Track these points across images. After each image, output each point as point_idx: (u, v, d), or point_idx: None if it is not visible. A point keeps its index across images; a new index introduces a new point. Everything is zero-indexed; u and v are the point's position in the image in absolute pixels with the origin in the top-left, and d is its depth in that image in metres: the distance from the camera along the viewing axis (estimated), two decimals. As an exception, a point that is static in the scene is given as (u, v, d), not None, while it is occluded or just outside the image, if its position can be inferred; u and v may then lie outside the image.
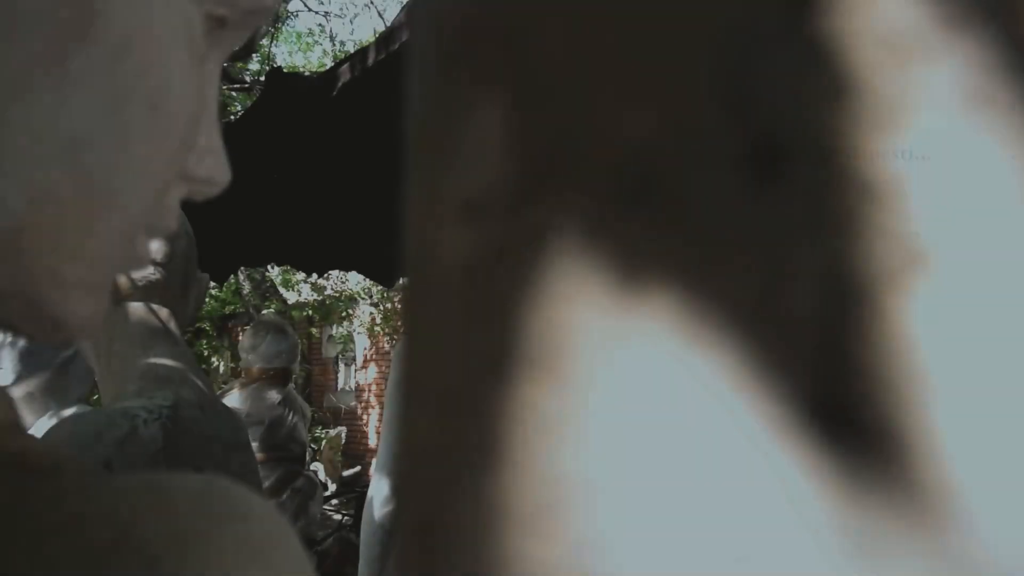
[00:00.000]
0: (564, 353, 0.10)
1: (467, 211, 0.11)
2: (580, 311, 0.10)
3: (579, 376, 0.10)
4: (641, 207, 0.10)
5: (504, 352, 0.10)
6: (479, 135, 0.11)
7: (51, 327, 0.30)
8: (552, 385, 0.10)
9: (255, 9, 0.32)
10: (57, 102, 0.26)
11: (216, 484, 0.24)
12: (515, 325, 0.10)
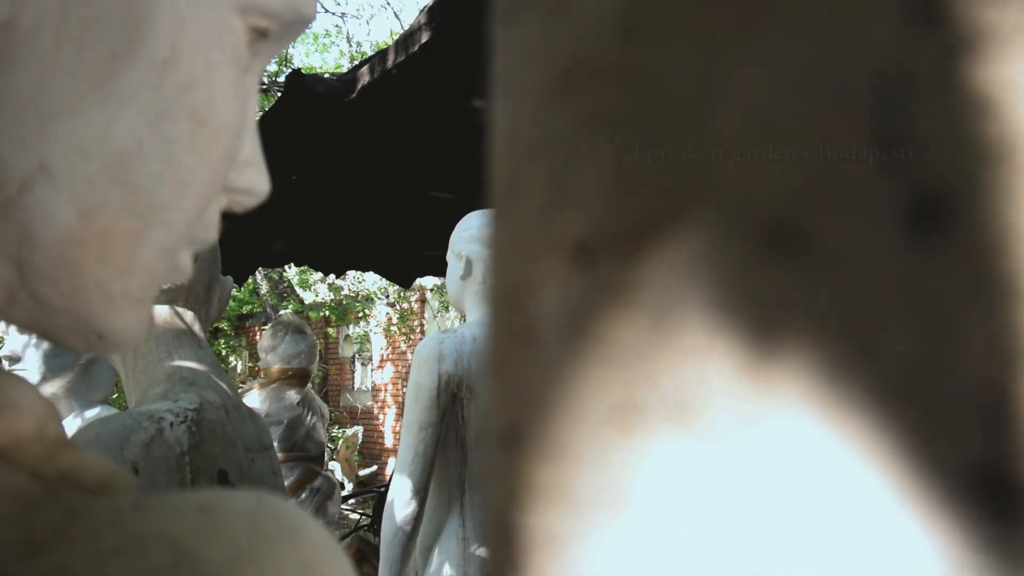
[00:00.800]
0: (696, 410, 0.10)
1: (577, 253, 0.11)
2: (713, 366, 0.10)
3: (713, 435, 0.09)
4: (785, 258, 0.09)
5: (626, 403, 0.10)
6: (591, 176, 0.11)
7: (97, 340, 0.30)
8: (684, 442, 0.10)
9: (296, 20, 0.32)
10: (106, 118, 0.26)
11: (267, 502, 0.24)
12: (638, 375, 0.10)
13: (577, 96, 0.11)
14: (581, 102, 0.11)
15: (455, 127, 2.48)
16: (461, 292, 1.90)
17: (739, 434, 0.09)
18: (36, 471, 0.23)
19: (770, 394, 0.09)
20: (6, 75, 0.24)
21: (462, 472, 1.80)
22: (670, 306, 0.10)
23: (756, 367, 0.09)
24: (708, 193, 0.10)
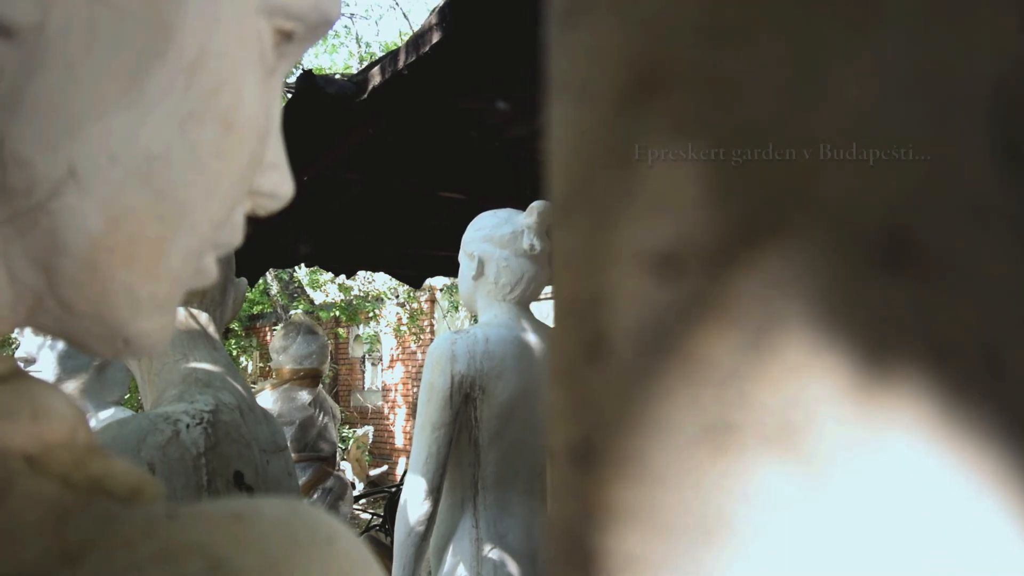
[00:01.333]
0: (800, 432, 0.09)
1: (659, 264, 0.10)
2: (818, 385, 0.09)
3: (820, 458, 0.09)
4: (897, 271, 0.09)
5: (719, 423, 0.10)
6: (674, 184, 0.10)
7: (123, 345, 0.30)
8: (787, 466, 0.09)
9: (321, 22, 0.32)
10: (134, 122, 0.26)
11: (300, 511, 0.23)
12: (733, 394, 0.09)
13: (656, 100, 0.11)
14: (661, 107, 0.11)
15: (466, 127, 2.48)
16: (473, 292, 1.90)
17: (849, 459, 0.09)
18: (66, 479, 0.23)
19: (883, 417, 0.09)
20: (35, 80, 0.24)
21: (475, 472, 1.80)
22: (769, 322, 0.09)
23: (866, 387, 0.09)
24: (810, 201, 0.09)
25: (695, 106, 0.10)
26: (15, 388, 0.22)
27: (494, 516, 1.79)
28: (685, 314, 0.10)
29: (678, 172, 0.11)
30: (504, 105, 2.15)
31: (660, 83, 0.11)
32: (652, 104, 0.11)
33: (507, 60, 1.97)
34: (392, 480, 8.99)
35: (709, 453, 0.10)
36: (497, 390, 1.74)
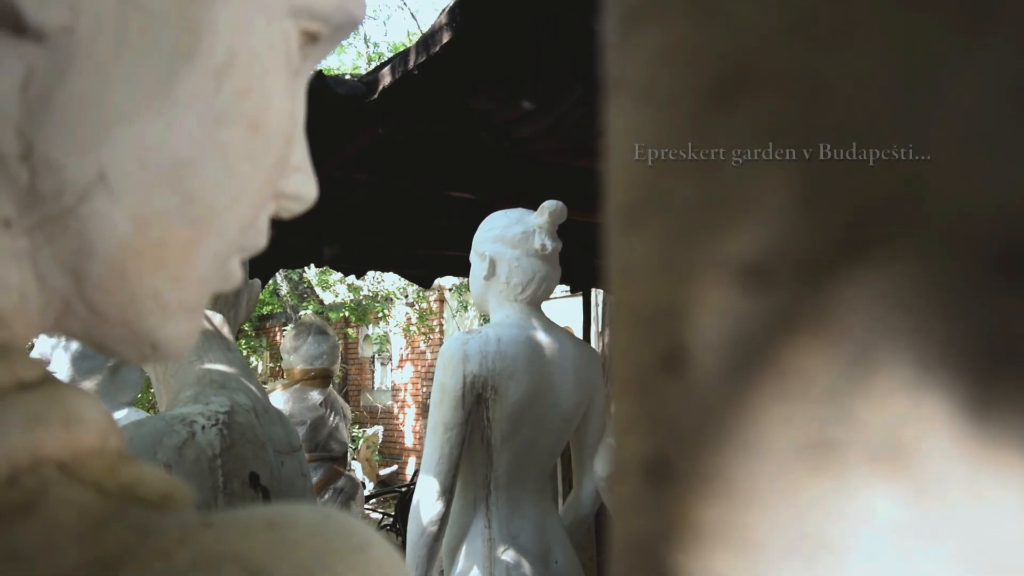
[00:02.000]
0: (909, 452, 0.09)
1: (748, 274, 0.10)
2: (930, 404, 0.09)
3: (930, 480, 0.09)
4: (1017, 281, 0.08)
5: (818, 441, 0.09)
6: (764, 191, 0.10)
7: (150, 350, 0.30)
8: (895, 487, 0.09)
9: (346, 23, 0.32)
10: (163, 125, 0.26)
11: (333, 519, 0.23)
12: (833, 411, 0.09)
13: (743, 103, 0.10)
14: (748, 110, 0.10)
15: (475, 127, 2.47)
16: (485, 292, 1.89)
17: (966, 482, 0.09)
18: (99, 485, 0.22)
19: (1003, 436, 0.08)
20: (65, 83, 0.23)
21: (487, 473, 1.79)
22: (874, 336, 0.09)
23: (984, 405, 0.09)
24: (918, 208, 0.09)
25: (788, 109, 0.10)
26: (47, 394, 0.22)
27: (506, 516, 1.79)
28: (776, 327, 0.10)
29: (768, 177, 0.10)
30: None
31: (748, 85, 0.10)
32: (739, 107, 0.10)
33: (517, 59, 1.96)
34: (402, 480, 9.00)
35: (806, 472, 0.09)
36: (509, 390, 1.73)
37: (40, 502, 0.20)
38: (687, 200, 0.11)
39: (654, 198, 0.11)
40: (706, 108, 0.11)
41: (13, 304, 0.26)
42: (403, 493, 5.47)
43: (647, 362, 0.11)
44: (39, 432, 0.21)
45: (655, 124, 0.11)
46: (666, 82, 0.11)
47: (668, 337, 0.11)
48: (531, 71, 2.09)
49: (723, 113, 0.11)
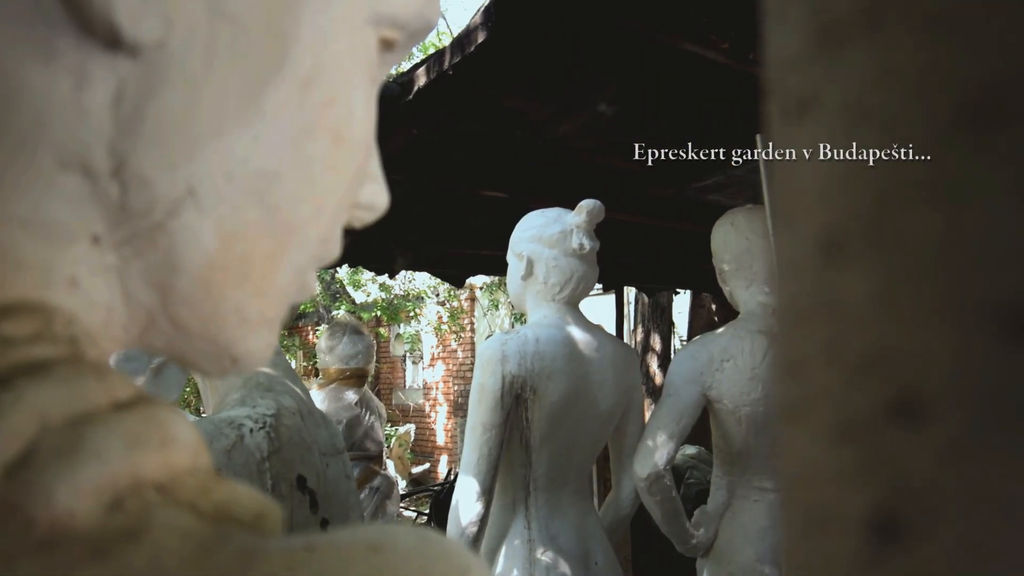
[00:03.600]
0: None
1: (1010, 320, 0.09)
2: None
3: None
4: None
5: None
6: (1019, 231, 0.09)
7: (230, 363, 0.29)
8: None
9: (422, 30, 0.31)
10: (251, 138, 0.25)
11: (432, 542, 0.23)
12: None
13: (994, 130, 0.09)
14: (1004, 137, 0.09)
15: (510, 126, 2.46)
16: (523, 292, 1.89)
17: None
18: (194, 506, 0.22)
19: None
20: (157, 98, 0.23)
21: (527, 473, 1.79)
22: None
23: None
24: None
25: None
26: (144, 414, 0.22)
27: (546, 518, 1.78)
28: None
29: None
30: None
31: (1001, 110, 0.09)
32: (989, 135, 0.10)
33: (552, 58, 1.95)
34: (434, 478, 9.04)
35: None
36: (548, 391, 1.73)
37: (145, 527, 0.20)
38: (922, 235, 0.10)
39: (874, 230, 0.10)
40: (944, 137, 0.10)
41: (100, 320, 0.25)
42: (438, 492, 5.49)
43: (869, 407, 0.10)
44: (139, 454, 0.21)
45: (870, 145, 0.11)
46: (888, 105, 0.10)
47: (896, 384, 0.10)
48: (566, 70, 2.07)
49: (967, 143, 0.10)
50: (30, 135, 0.22)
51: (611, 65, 2.06)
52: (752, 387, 1.92)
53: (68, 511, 0.19)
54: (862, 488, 0.11)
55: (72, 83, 0.22)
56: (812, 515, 0.11)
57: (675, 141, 2.46)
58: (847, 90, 0.11)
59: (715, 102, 2.21)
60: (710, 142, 2.45)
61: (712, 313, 5.73)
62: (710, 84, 2.10)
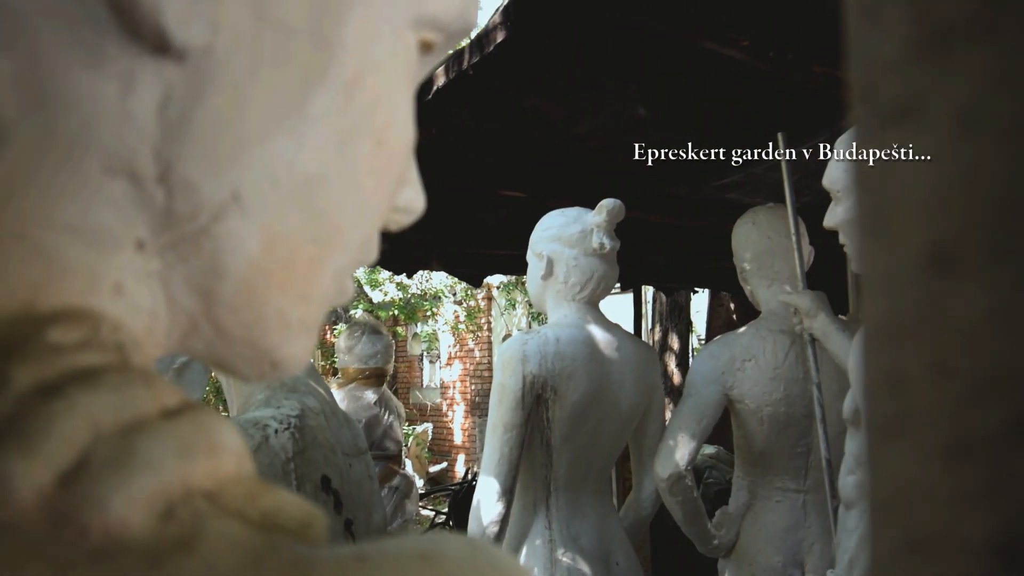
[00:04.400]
0: None
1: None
2: None
3: None
4: None
5: None
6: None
7: (270, 368, 0.29)
8: None
9: (462, 32, 0.31)
10: (295, 142, 0.25)
11: (481, 550, 0.22)
12: None
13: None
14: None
15: (529, 126, 2.46)
16: (543, 292, 1.88)
17: None
18: (241, 514, 0.22)
19: None
20: (202, 103, 0.23)
21: (547, 474, 1.79)
22: None
23: None
24: None
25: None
26: (192, 421, 0.22)
27: (566, 518, 1.78)
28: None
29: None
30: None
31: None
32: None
33: (571, 58, 1.95)
34: (451, 478, 9.06)
35: None
36: (568, 391, 1.72)
37: (197, 537, 0.19)
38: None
39: (994, 241, 0.10)
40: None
41: (144, 326, 0.25)
42: (456, 491, 5.50)
43: (989, 427, 0.10)
44: (189, 462, 0.21)
45: (988, 157, 0.10)
46: (1008, 110, 0.10)
47: (1019, 402, 0.09)
48: (584, 69, 2.07)
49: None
50: (77, 141, 0.22)
51: (630, 64, 2.06)
52: (774, 387, 1.90)
53: (121, 520, 0.19)
54: (982, 510, 0.10)
55: (119, 88, 0.22)
56: (917, 537, 0.11)
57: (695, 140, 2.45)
58: (959, 95, 0.10)
59: (735, 100, 2.19)
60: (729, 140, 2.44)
61: (731, 312, 5.70)
62: (729, 82, 2.09)
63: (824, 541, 1.88)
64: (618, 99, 2.24)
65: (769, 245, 1.99)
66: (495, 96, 2.21)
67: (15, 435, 0.18)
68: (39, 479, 0.18)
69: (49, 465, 0.18)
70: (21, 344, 0.21)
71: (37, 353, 0.21)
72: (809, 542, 1.92)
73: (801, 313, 1.78)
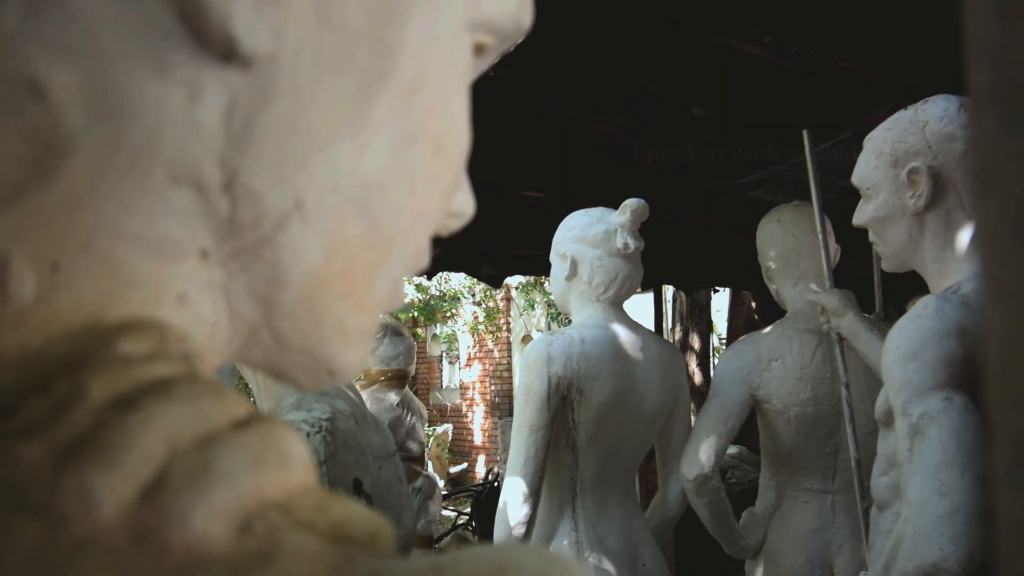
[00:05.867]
0: None
1: None
2: None
3: None
4: None
5: None
6: None
7: (327, 376, 0.29)
8: None
9: (515, 34, 0.31)
10: (357, 149, 0.25)
11: (554, 561, 0.22)
12: None
13: None
14: None
15: (548, 126, 2.46)
16: (567, 293, 1.88)
17: None
18: (312, 526, 0.22)
19: None
20: (267, 110, 0.23)
21: (573, 475, 1.78)
22: None
23: None
24: None
25: None
26: (262, 432, 0.22)
27: (593, 519, 1.77)
28: None
29: None
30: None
31: None
32: None
33: (590, 58, 1.94)
34: (472, 478, 9.06)
35: None
36: (594, 391, 1.71)
37: (275, 551, 0.19)
38: None
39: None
40: None
41: (206, 336, 0.25)
42: (478, 492, 5.50)
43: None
44: (262, 474, 0.21)
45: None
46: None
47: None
48: (604, 68, 2.06)
49: None
50: (144, 151, 0.22)
51: (650, 64, 2.04)
52: (801, 387, 1.88)
53: (203, 535, 0.18)
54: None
55: (185, 97, 0.22)
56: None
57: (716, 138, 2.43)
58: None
59: (757, 97, 2.17)
60: (751, 138, 2.42)
61: (752, 311, 5.66)
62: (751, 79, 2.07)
63: (853, 542, 1.86)
64: (638, 98, 2.22)
65: (795, 243, 1.97)
66: (514, 96, 2.21)
67: (95, 449, 0.18)
68: (121, 494, 0.18)
69: (131, 479, 0.18)
70: (92, 356, 0.21)
71: (108, 365, 0.21)
72: (838, 543, 1.90)
73: (829, 312, 1.76)
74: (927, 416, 1.07)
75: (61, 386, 0.19)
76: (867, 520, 1.64)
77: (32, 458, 0.18)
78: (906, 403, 1.11)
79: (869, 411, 1.83)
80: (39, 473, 0.18)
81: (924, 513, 1.00)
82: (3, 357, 0.20)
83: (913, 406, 1.10)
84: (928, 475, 1.02)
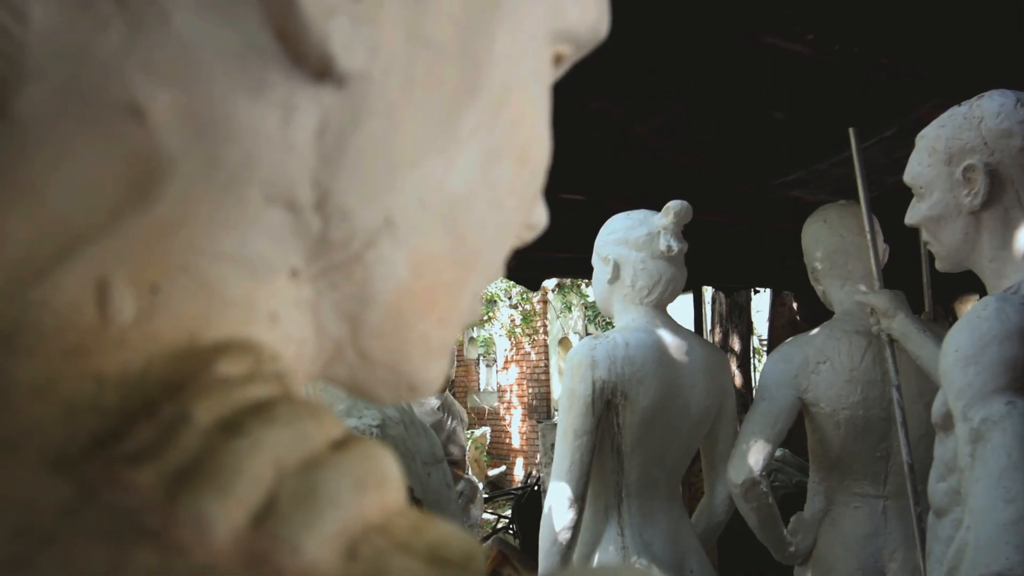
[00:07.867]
0: None
1: None
2: None
3: None
4: None
5: None
6: None
7: (408, 392, 0.29)
8: None
9: (591, 43, 0.30)
10: (445, 165, 0.25)
11: None
12: None
13: None
14: None
15: (588, 127, 2.45)
16: (609, 296, 1.86)
17: None
18: (409, 548, 0.21)
19: None
20: (359, 128, 0.23)
21: (619, 480, 1.77)
22: None
23: None
24: None
25: None
26: (360, 453, 0.21)
27: (639, 524, 1.76)
28: None
29: None
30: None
31: None
32: None
33: (630, 58, 1.93)
34: (510, 481, 9.06)
35: None
36: (639, 396, 1.70)
37: None
38: None
39: None
40: None
41: (294, 355, 0.25)
42: (519, 495, 5.50)
43: None
44: (364, 497, 0.20)
45: None
46: None
47: None
48: (644, 69, 2.05)
49: None
50: (240, 171, 0.22)
51: (688, 64, 2.03)
52: (851, 389, 1.85)
53: (314, 562, 0.18)
54: None
55: (280, 117, 0.22)
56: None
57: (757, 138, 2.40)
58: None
59: (800, 96, 2.14)
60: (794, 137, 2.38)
61: (794, 312, 5.57)
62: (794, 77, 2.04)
63: (906, 549, 1.82)
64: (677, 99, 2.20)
65: (842, 243, 1.94)
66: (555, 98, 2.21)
67: (206, 475, 0.18)
68: (234, 520, 0.18)
69: (243, 505, 0.18)
70: (193, 378, 0.21)
71: (209, 387, 0.21)
72: (890, 549, 1.85)
73: (878, 313, 1.72)
74: (989, 421, 1.04)
75: (166, 410, 0.19)
76: (920, 526, 1.60)
77: (144, 484, 0.18)
78: (967, 407, 1.08)
79: (921, 414, 1.79)
80: (152, 499, 0.18)
81: (988, 520, 0.97)
82: (105, 380, 0.20)
83: (974, 410, 1.07)
84: (992, 481, 0.99)
